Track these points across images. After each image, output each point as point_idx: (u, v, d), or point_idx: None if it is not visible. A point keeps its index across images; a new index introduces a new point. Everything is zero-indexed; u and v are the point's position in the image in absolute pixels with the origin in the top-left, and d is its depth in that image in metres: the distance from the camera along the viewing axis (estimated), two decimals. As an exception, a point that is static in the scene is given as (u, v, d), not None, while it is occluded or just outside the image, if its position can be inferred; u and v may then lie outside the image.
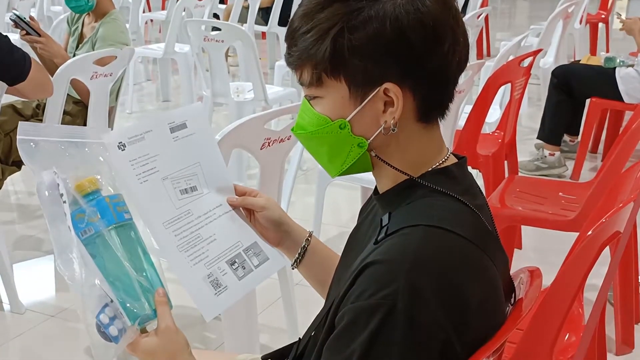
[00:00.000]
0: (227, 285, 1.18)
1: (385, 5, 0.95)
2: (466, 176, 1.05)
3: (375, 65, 0.96)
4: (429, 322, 0.88)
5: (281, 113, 2.24)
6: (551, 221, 2.56)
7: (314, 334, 1.09)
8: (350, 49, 0.96)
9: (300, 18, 1.00)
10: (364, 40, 0.95)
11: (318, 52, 0.98)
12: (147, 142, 1.18)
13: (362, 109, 0.99)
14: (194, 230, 1.20)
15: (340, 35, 0.96)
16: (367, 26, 0.95)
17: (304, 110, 1.06)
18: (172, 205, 1.19)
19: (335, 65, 0.98)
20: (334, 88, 1.00)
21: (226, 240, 1.22)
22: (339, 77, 0.99)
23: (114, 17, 3.29)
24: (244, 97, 4.09)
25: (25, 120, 3.02)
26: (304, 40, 0.99)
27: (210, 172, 1.26)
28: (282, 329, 2.54)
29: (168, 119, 1.23)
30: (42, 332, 2.58)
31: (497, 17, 10.94)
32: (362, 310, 0.90)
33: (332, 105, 1.01)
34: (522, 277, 1.11)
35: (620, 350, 2.45)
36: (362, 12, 0.95)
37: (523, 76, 3.21)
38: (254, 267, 1.22)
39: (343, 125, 1.01)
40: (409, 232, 0.94)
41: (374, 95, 0.98)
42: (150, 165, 1.18)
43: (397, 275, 0.89)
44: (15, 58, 2.44)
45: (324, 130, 1.02)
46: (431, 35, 0.96)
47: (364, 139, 1.01)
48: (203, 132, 1.27)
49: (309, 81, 1.01)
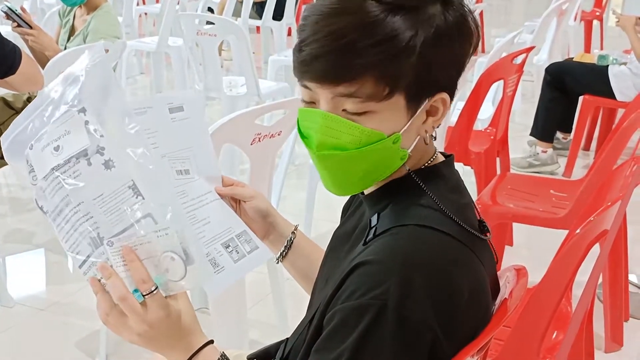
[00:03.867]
0: (224, 266, 1.17)
1: (438, 12, 0.93)
2: (453, 174, 1.05)
3: (443, 75, 0.95)
4: (419, 322, 0.88)
5: (272, 108, 2.24)
6: (541, 218, 2.57)
7: (300, 335, 1.08)
8: (433, 62, 0.93)
9: (354, 29, 0.91)
10: (444, 51, 0.93)
11: (397, 66, 0.91)
12: (149, 116, 1.19)
13: (412, 121, 0.96)
14: (190, 211, 1.20)
15: (424, 46, 0.91)
16: (444, 36, 0.93)
17: (341, 127, 0.95)
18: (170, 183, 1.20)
19: (419, 80, 0.93)
20: (389, 103, 0.93)
21: (219, 225, 1.22)
22: (399, 90, 0.93)
23: (105, 10, 3.28)
24: (237, 92, 4.09)
25: (16, 113, 3.00)
26: (374, 53, 0.90)
27: (201, 159, 1.26)
28: (272, 324, 2.54)
29: (167, 100, 1.24)
30: (31, 326, 2.58)
31: (493, 14, 10.93)
32: (352, 310, 0.90)
33: (389, 120, 0.95)
34: (508, 275, 1.11)
35: (610, 348, 2.45)
36: (434, 21, 0.92)
37: (516, 73, 3.21)
38: (246, 253, 1.22)
39: (396, 139, 0.95)
40: (398, 232, 0.94)
41: (424, 106, 0.96)
42: (152, 140, 1.19)
43: (387, 276, 0.89)
44: (5, 51, 2.43)
45: (375, 147, 0.95)
46: (470, 42, 0.97)
47: (406, 151, 0.98)
48: (198, 118, 1.28)
49: (370, 95, 0.92)
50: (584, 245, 1.45)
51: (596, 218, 1.43)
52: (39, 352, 2.45)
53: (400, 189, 1.01)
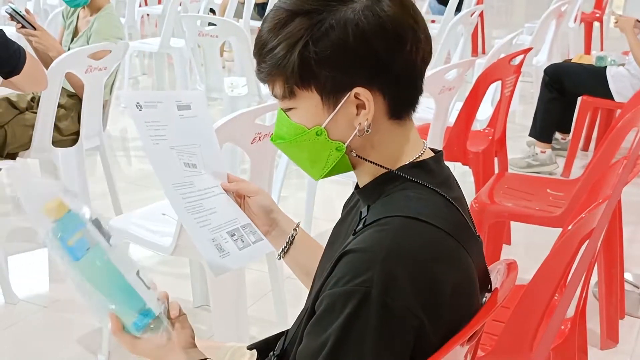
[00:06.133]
0: (229, 251, 1.22)
1: (345, 14, 0.98)
2: (442, 169, 1.08)
3: (342, 73, 1.00)
4: (403, 309, 0.91)
5: (272, 108, 2.27)
6: (538, 217, 2.59)
7: (298, 325, 1.12)
8: (317, 61, 0.99)
9: (266, 34, 1.03)
10: (329, 50, 0.98)
11: (287, 67, 1.01)
12: (159, 110, 1.25)
13: (336, 115, 1.03)
14: (197, 200, 1.25)
15: (305, 48, 0.99)
16: (330, 36, 0.98)
17: (281, 121, 1.09)
18: (178, 173, 1.25)
19: (304, 77, 1.01)
20: (307, 98, 1.03)
21: (225, 215, 1.27)
22: (309, 87, 1.02)
23: (108, 11, 3.31)
24: (238, 92, 4.12)
25: (20, 113, 3.04)
26: (271, 56, 1.02)
27: (208, 155, 1.31)
28: (273, 321, 2.57)
29: (176, 97, 1.30)
30: (35, 323, 2.61)
31: (493, 15, 10.95)
32: (338, 296, 0.93)
33: (307, 115, 1.04)
34: (499, 268, 1.14)
35: (605, 345, 2.48)
36: (324, 23, 0.99)
37: (513, 74, 3.24)
38: (251, 243, 1.27)
39: (319, 132, 1.04)
40: (386, 222, 0.97)
41: (345, 101, 1.02)
42: (161, 132, 1.24)
43: (373, 263, 0.92)
44: (10, 51, 2.46)
45: (302, 138, 1.06)
46: (393, 38, 0.99)
47: (341, 143, 1.05)
48: (204, 117, 1.33)
49: (282, 94, 1.04)
50: (576, 241, 1.48)
51: (587, 215, 1.47)
52: (42, 349, 2.48)
53: (389, 183, 1.05)
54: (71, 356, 2.42)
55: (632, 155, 1.88)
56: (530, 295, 1.54)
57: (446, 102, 2.98)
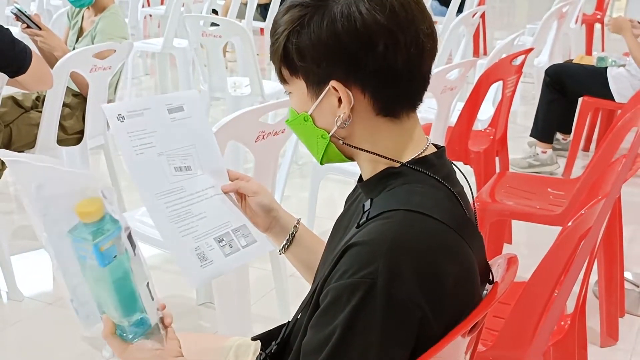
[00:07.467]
0: (213, 259, 1.23)
1: (327, 10, 1.02)
2: (445, 164, 1.10)
3: (319, 66, 1.04)
4: (407, 300, 0.93)
5: (276, 107, 2.29)
6: (538, 216, 2.61)
7: (300, 315, 1.14)
8: (297, 52, 1.04)
9: (273, 22, 1.10)
10: (306, 44, 1.03)
11: (278, 54, 1.07)
12: (146, 118, 1.25)
13: (320, 104, 1.07)
14: (185, 206, 1.26)
15: (288, 39, 1.05)
16: (309, 30, 1.03)
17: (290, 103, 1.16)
18: (165, 180, 1.25)
19: (291, 66, 1.07)
20: (297, 85, 1.09)
21: (216, 219, 1.27)
22: (297, 75, 1.08)
23: (113, 11, 3.33)
24: (241, 92, 4.14)
25: (25, 112, 3.07)
26: (272, 42, 1.09)
27: (205, 155, 1.32)
28: (276, 319, 2.58)
29: (166, 100, 1.30)
30: (40, 320, 2.63)
31: (495, 16, 10.97)
32: (344, 289, 0.95)
33: (298, 100, 1.11)
34: (500, 262, 1.16)
35: (605, 342, 2.50)
36: (306, 17, 1.03)
37: (515, 74, 3.25)
38: (241, 247, 1.28)
39: (306, 118, 1.10)
40: (389, 216, 0.99)
41: (326, 92, 1.06)
42: (147, 140, 1.25)
43: (377, 256, 0.94)
44: (16, 51, 2.49)
45: (296, 122, 1.12)
46: (363, 39, 1.01)
47: (325, 132, 1.10)
48: (199, 117, 1.33)
49: (280, 78, 1.11)
50: (576, 238, 1.50)
51: (587, 212, 1.49)
52: (47, 345, 2.50)
53: (392, 177, 1.07)
54: (76, 352, 2.45)
55: (631, 153, 1.90)
56: (530, 291, 1.55)
57: (448, 102, 3.01)
